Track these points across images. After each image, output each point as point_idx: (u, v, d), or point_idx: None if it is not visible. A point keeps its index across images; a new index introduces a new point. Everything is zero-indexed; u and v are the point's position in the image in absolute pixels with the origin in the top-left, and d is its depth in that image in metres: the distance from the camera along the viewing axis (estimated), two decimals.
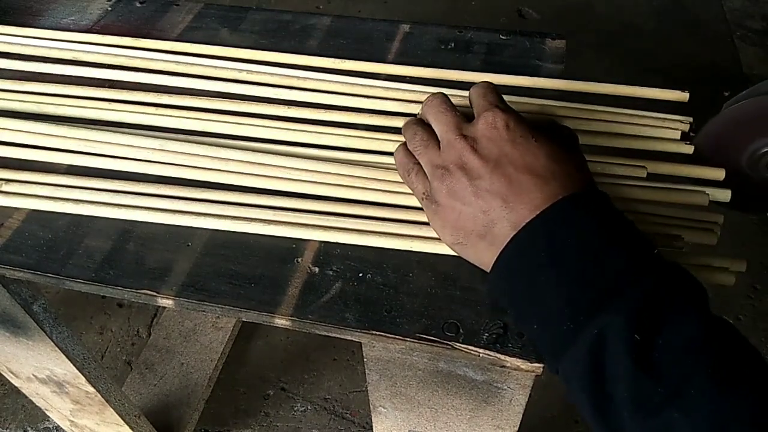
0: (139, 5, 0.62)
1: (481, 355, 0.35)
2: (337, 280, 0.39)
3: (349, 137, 0.46)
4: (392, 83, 0.50)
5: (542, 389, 1.02)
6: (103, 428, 0.77)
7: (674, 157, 0.45)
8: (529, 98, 0.47)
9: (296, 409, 1.05)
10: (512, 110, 0.36)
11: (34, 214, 0.44)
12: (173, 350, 1.02)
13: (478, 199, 0.34)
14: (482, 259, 0.35)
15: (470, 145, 0.35)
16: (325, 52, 0.54)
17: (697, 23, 1.77)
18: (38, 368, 0.63)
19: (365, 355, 0.41)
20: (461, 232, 0.35)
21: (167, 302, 0.39)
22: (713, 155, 1.12)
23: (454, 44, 0.55)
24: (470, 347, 0.35)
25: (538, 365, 0.35)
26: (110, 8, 0.61)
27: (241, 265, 0.40)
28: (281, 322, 0.38)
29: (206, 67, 0.52)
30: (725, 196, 0.42)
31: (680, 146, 0.45)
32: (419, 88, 0.49)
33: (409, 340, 0.36)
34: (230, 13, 0.60)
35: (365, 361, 0.42)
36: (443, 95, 0.39)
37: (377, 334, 0.36)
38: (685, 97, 0.48)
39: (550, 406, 1.02)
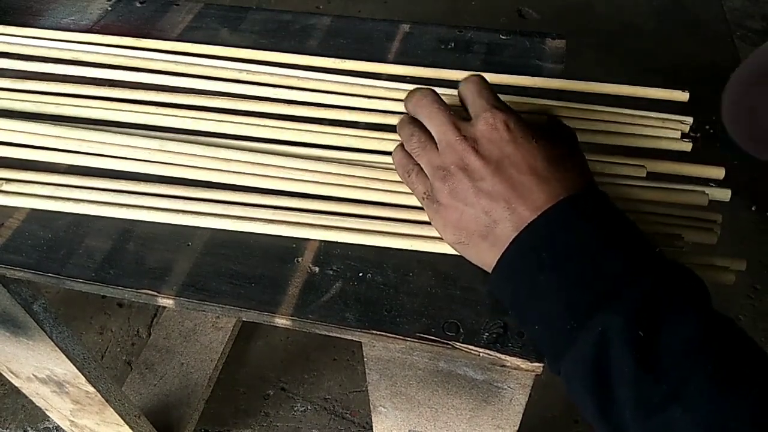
0: (139, 5, 0.62)
1: (481, 354, 0.35)
2: (337, 279, 0.39)
3: (349, 137, 0.46)
4: (392, 83, 0.50)
5: (542, 389, 1.02)
6: (103, 428, 0.77)
7: (674, 156, 0.45)
8: (529, 98, 0.47)
9: (296, 409, 1.05)
10: (511, 110, 0.36)
11: (34, 213, 0.44)
12: (173, 350, 1.02)
13: (480, 199, 0.34)
14: (484, 259, 0.35)
15: (471, 146, 0.35)
16: (325, 52, 0.54)
17: (697, 23, 1.77)
18: (38, 368, 0.63)
19: (365, 354, 0.41)
20: (463, 231, 0.35)
21: (167, 302, 0.39)
22: (742, 102, 1.11)
23: (454, 44, 0.55)
24: (470, 347, 0.35)
25: (538, 365, 0.35)
26: (110, 8, 0.61)
27: (241, 264, 0.40)
28: (281, 321, 0.38)
29: (206, 67, 0.52)
30: (725, 195, 0.42)
31: (680, 146, 0.45)
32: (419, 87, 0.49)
33: (409, 339, 0.36)
34: (230, 13, 0.60)
35: (365, 360, 0.42)
36: (432, 91, 0.38)
37: (377, 333, 0.36)
38: (685, 97, 0.48)
39: (550, 406, 1.02)
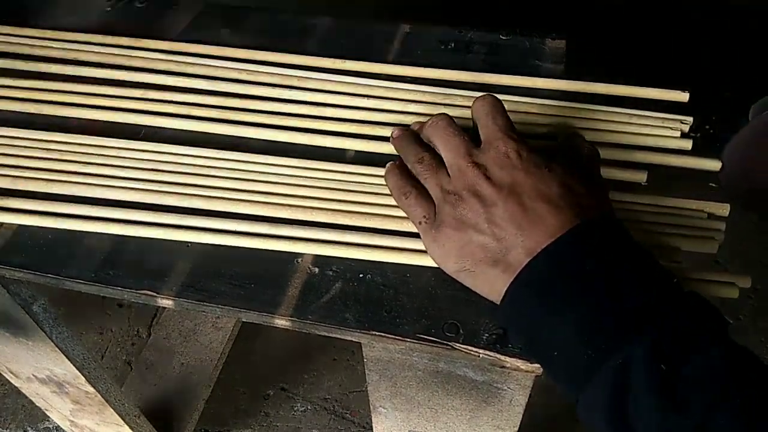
0: (139, 5, 0.62)
1: (481, 355, 0.35)
2: (337, 280, 0.39)
3: (349, 139, 0.46)
4: (392, 83, 0.50)
5: (543, 389, 1.02)
6: (103, 428, 0.77)
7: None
8: (529, 98, 0.47)
9: (296, 409, 1.05)
10: (523, 139, 0.36)
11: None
12: (173, 350, 1.02)
13: (492, 226, 0.33)
14: (494, 286, 0.34)
15: (483, 172, 0.35)
16: (325, 52, 0.54)
17: (697, 23, 1.76)
18: (38, 368, 0.63)
19: (365, 355, 0.41)
20: (468, 259, 0.34)
21: (167, 302, 0.39)
22: (746, 162, 1.10)
23: (454, 44, 0.55)
24: (470, 347, 0.35)
25: (538, 366, 0.35)
26: (110, 8, 0.61)
27: (240, 265, 0.40)
28: (281, 322, 0.38)
29: (206, 67, 0.52)
30: (724, 210, 0.42)
31: (681, 145, 0.45)
32: (419, 88, 0.49)
33: (409, 340, 0.36)
34: (230, 13, 0.60)
35: (365, 361, 0.42)
36: (449, 117, 0.39)
37: (377, 334, 0.36)
38: (685, 97, 0.48)
39: (550, 406, 1.02)
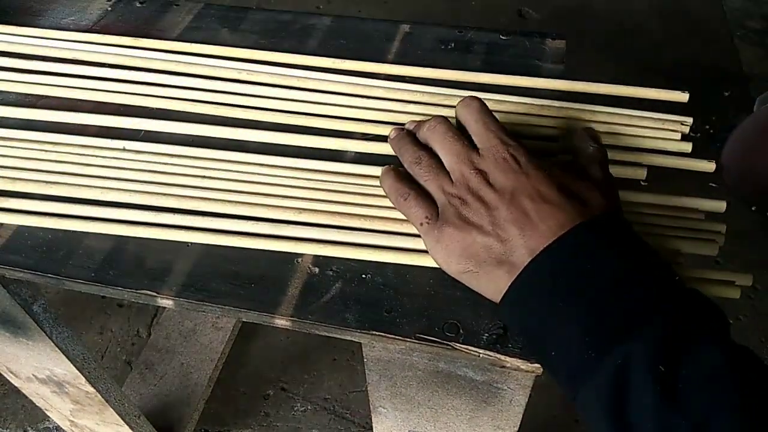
0: (139, 5, 0.62)
1: (481, 355, 0.35)
2: (337, 280, 0.39)
3: (348, 141, 0.46)
4: (392, 83, 0.50)
5: (543, 389, 1.02)
6: (103, 428, 0.77)
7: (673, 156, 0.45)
8: (529, 98, 0.47)
9: (296, 409, 1.05)
10: (519, 142, 0.37)
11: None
12: (173, 350, 1.02)
13: (496, 228, 0.34)
14: (497, 286, 0.34)
15: (485, 178, 0.36)
16: (325, 52, 0.54)
17: (697, 23, 1.77)
18: (38, 368, 0.63)
19: (365, 355, 0.41)
20: (472, 260, 0.35)
21: (167, 302, 0.39)
22: (746, 158, 1.10)
23: (454, 44, 0.55)
24: (470, 347, 0.35)
25: (537, 365, 0.35)
26: (110, 8, 0.61)
27: (241, 265, 0.40)
28: (281, 322, 0.38)
29: (206, 66, 0.52)
30: (720, 207, 0.41)
31: (680, 147, 0.45)
32: (419, 88, 0.49)
33: (409, 340, 0.36)
34: (230, 13, 0.60)
35: (365, 361, 0.42)
36: (447, 121, 0.39)
37: (377, 334, 0.36)
38: (684, 97, 0.48)
39: (550, 406, 1.02)
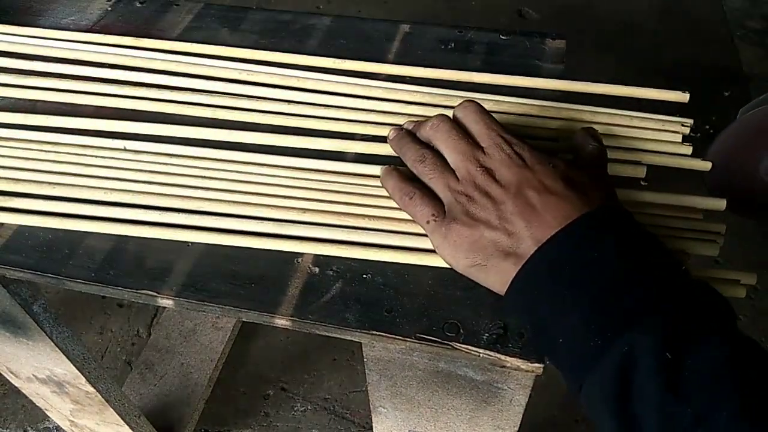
0: (139, 5, 0.62)
1: (481, 355, 0.35)
2: (337, 280, 0.39)
3: (347, 142, 0.46)
4: (392, 83, 0.50)
5: (542, 389, 1.02)
6: (103, 428, 0.77)
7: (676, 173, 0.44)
8: (529, 98, 0.47)
9: (296, 409, 1.05)
10: (521, 138, 0.37)
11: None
12: (173, 350, 1.02)
13: (503, 222, 0.34)
14: (504, 278, 0.34)
15: (491, 175, 0.36)
16: (325, 52, 0.54)
17: (697, 23, 1.77)
18: (38, 368, 0.63)
19: (365, 355, 0.41)
20: (480, 254, 0.35)
21: (167, 302, 0.39)
22: (729, 165, 1.10)
23: (454, 44, 0.55)
24: (470, 347, 0.35)
25: (538, 365, 0.35)
26: (110, 8, 0.61)
27: (241, 265, 0.40)
28: (281, 322, 0.38)
29: (206, 66, 0.52)
30: (720, 205, 0.41)
31: (681, 149, 0.45)
32: (419, 88, 0.49)
33: (409, 340, 0.36)
34: (230, 13, 0.60)
35: (365, 361, 0.42)
36: (450, 120, 0.39)
37: (377, 334, 0.36)
38: (685, 97, 0.47)
39: (550, 405, 1.02)
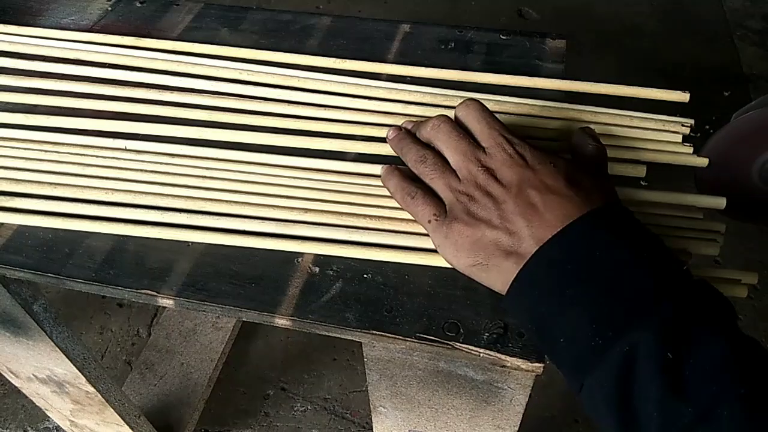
0: (139, 5, 0.62)
1: (481, 355, 0.35)
2: (337, 279, 0.39)
3: (347, 141, 0.46)
4: (392, 83, 0.50)
5: (542, 389, 1.02)
6: (103, 428, 0.77)
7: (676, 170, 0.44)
8: (529, 98, 0.47)
9: (296, 409, 1.05)
10: (523, 138, 0.37)
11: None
12: (173, 350, 1.02)
13: (504, 221, 0.34)
14: (506, 277, 0.34)
15: (492, 174, 0.36)
16: (325, 52, 0.54)
17: (697, 23, 1.77)
18: (38, 368, 0.63)
19: (365, 355, 0.41)
20: (481, 254, 0.35)
21: (167, 302, 0.39)
22: (722, 167, 1.11)
23: (454, 44, 0.55)
24: (470, 347, 0.35)
25: (538, 365, 0.35)
26: (110, 8, 0.61)
27: (241, 265, 0.40)
28: (281, 322, 0.38)
29: (206, 66, 0.52)
30: (719, 203, 0.41)
31: (681, 149, 0.45)
32: (419, 88, 0.49)
33: (409, 340, 0.36)
34: (230, 13, 0.60)
35: (365, 361, 0.42)
36: (451, 120, 0.39)
37: (377, 334, 0.36)
38: (685, 97, 0.47)
39: (550, 406, 1.02)
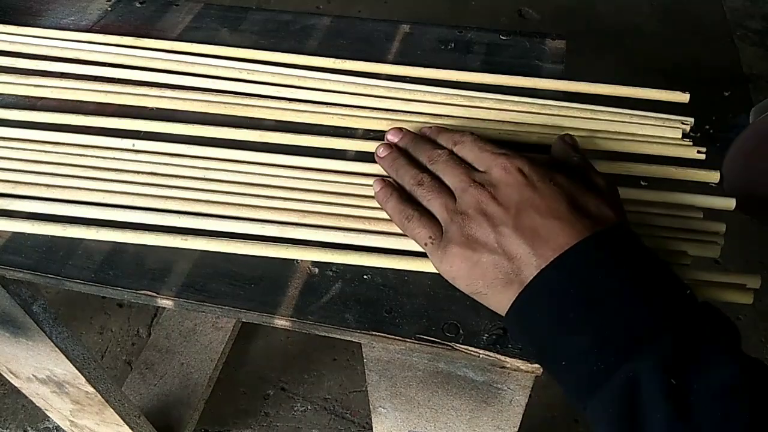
0: (138, 5, 0.62)
1: (481, 355, 0.35)
2: (336, 280, 0.39)
3: (348, 141, 0.46)
4: (392, 83, 0.49)
5: (542, 389, 1.02)
6: (103, 428, 0.77)
7: (674, 158, 0.44)
8: (529, 99, 0.47)
9: (296, 409, 1.05)
10: (521, 154, 0.36)
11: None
12: (173, 350, 1.02)
13: (502, 246, 0.33)
14: (508, 304, 0.33)
15: (488, 191, 0.35)
16: (325, 52, 0.54)
17: (697, 23, 1.77)
18: (38, 368, 0.63)
19: (365, 355, 0.41)
20: (479, 281, 0.34)
21: (167, 303, 0.39)
22: (747, 167, 1.09)
23: (454, 44, 0.55)
24: (470, 348, 0.35)
25: (537, 366, 0.35)
26: (110, 8, 0.61)
27: (240, 265, 0.40)
28: (281, 322, 0.38)
29: (206, 66, 0.52)
30: (729, 204, 0.41)
31: (681, 147, 0.45)
32: (419, 88, 0.49)
33: (408, 340, 0.36)
34: (230, 13, 0.60)
35: (365, 361, 0.42)
36: (449, 151, 0.39)
37: (377, 334, 0.36)
38: (685, 98, 0.47)
39: (550, 406, 1.02)
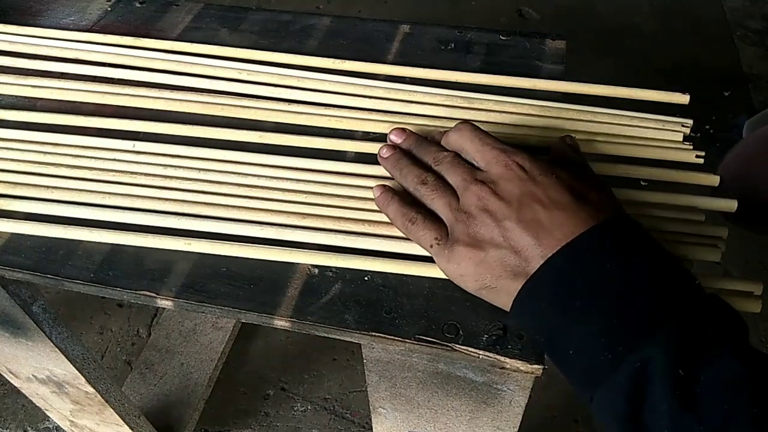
0: (138, 5, 0.62)
1: (480, 356, 0.35)
2: (336, 281, 0.39)
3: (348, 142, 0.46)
4: (392, 83, 0.49)
5: (542, 390, 1.02)
6: (103, 428, 0.77)
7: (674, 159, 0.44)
8: (529, 99, 0.47)
9: (296, 409, 1.05)
10: (521, 149, 0.36)
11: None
12: (173, 350, 1.02)
13: (507, 240, 0.33)
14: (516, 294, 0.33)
15: (489, 188, 0.35)
16: (324, 52, 0.54)
17: (697, 23, 1.77)
18: (38, 368, 0.63)
19: (365, 356, 0.41)
20: (487, 276, 0.34)
21: (166, 303, 0.39)
22: (745, 177, 1.09)
23: (454, 45, 0.55)
24: (470, 348, 0.35)
25: (537, 367, 0.35)
26: (110, 8, 0.61)
27: (240, 266, 0.40)
28: (281, 323, 0.38)
29: (206, 67, 0.52)
30: (731, 206, 0.41)
31: (680, 151, 0.44)
32: (419, 88, 0.49)
33: (408, 341, 0.36)
34: (230, 13, 0.60)
35: (365, 362, 0.42)
36: (454, 152, 0.39)
37: (377, 335, 0.36)
38: (685, 99, 0.47)
39: (550, 406, 1.02)
